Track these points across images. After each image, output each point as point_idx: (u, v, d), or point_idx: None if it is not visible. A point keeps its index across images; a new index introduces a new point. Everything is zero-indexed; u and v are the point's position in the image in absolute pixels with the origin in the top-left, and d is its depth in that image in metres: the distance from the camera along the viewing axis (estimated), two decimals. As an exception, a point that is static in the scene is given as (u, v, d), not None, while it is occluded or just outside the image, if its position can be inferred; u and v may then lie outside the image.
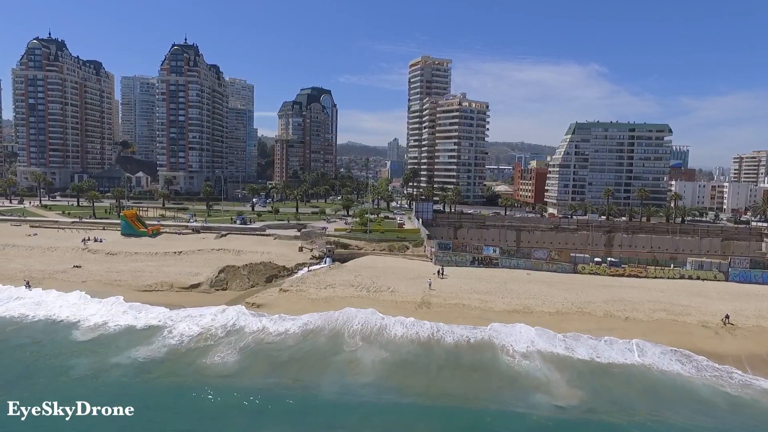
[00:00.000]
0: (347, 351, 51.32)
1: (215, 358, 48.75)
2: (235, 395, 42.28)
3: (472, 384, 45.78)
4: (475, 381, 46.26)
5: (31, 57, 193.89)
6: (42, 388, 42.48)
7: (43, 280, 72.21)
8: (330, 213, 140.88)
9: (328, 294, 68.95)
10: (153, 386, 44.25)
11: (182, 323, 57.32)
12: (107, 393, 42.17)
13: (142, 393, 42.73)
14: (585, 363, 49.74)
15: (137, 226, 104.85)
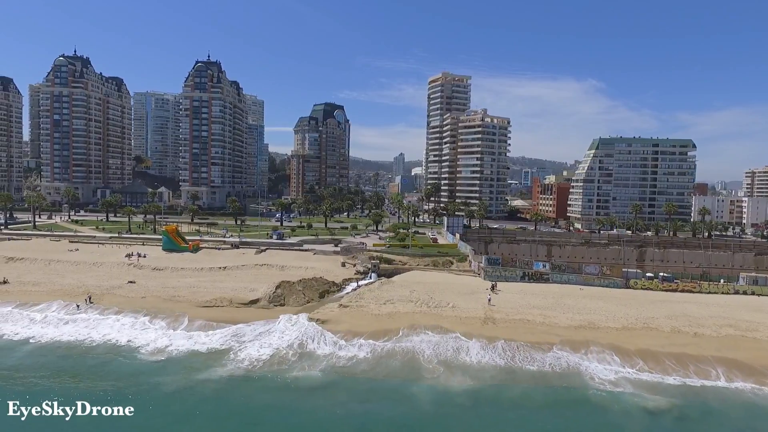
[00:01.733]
0: (428, 378, 49.47)
1: (293, 386, 47.50)
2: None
3: (576, 423, 43.63)
4: (575, 418, 44.05)
5: (58, 74, 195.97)
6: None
7: (103, 296, 72.22)
8: (361, 228, 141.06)
9: (389, 310, 68.90)
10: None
11: (253, 344, 56.36)
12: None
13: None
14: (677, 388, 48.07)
15: (178, 241, 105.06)
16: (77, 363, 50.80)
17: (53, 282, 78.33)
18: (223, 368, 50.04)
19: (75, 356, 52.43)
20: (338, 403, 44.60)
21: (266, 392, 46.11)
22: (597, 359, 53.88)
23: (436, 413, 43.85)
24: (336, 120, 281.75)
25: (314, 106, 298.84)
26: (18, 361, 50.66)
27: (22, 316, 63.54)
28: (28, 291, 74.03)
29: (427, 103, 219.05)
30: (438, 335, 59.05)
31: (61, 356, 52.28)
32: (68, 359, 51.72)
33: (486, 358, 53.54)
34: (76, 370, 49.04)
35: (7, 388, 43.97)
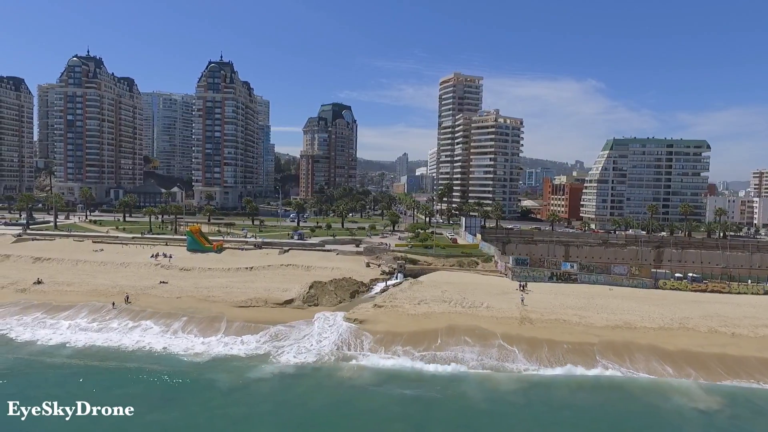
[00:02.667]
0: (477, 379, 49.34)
1: (344, 385, 47.53)
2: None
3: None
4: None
5: (71, 74, 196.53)
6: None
7: (138, 296, 72.57)
8: (379, 228, 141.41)
9: (424, 310, 69.20)
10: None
11: (296, 345, 56.48)
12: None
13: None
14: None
15: (203, 242, 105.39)
16: (117, 366, 50.93)
17: (86, 282, 78.68)
18: (273, 369, 50.22)
19: (115, 359, 52.62)
20: (392, 402, 44.96)
21: (320, 392, 46.43)
22: (646, 369, 52.26)
23: (490, 411, 44.17)
24: (345, 120, 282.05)
25: (322, 106, 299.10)
26: (66, 364, 50.73)
27: (65, 318, 63.86)
28: (64, 291, 74.45)
29: (439, 104, 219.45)
30: (479, 343, 57.96)
31: (107, 359, 52.55)
32: (111, 362, 51.96)
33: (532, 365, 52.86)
34: (117, 373, 49.24)
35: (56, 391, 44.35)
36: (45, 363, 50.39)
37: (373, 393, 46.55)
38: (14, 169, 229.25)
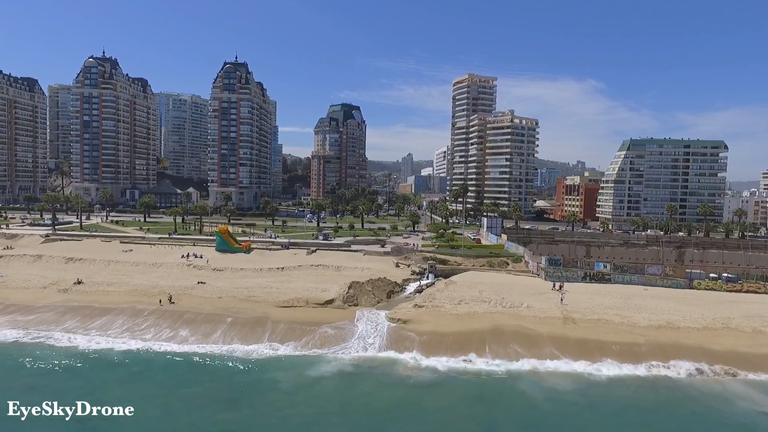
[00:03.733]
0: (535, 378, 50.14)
1: (406, 384, 47.81)
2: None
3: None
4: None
5: (88, 75, 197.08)
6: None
7: (180, 296, 72.87)
8: (401, 229, 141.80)
9: (466, 310, 69.55)
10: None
11: (347, 345, 56.74)
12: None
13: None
14: None
15: (231, 242, 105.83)
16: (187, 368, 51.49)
17: (125, 283, 79.08)
18: (330, 368, 50.55)
19: (179, 361, 53.11)
20: (457, 402, 45.29)
21: (383, 392, 46.72)
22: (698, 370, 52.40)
23: (553, 411, 44.49)
24: (356, 121, 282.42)
25: (331, 106, 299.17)
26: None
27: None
28: (105, 291, 74.83)
29: (452, 104, 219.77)
30: (528, 343, 57.91)
31: (168, 361, 53.01)
32: (176, 363, 52.45)
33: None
34: (188, 375, 49.77)
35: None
36: (109, 363, 50.89)
37: (435, 393, 46.97)
38: (28, 170, 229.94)
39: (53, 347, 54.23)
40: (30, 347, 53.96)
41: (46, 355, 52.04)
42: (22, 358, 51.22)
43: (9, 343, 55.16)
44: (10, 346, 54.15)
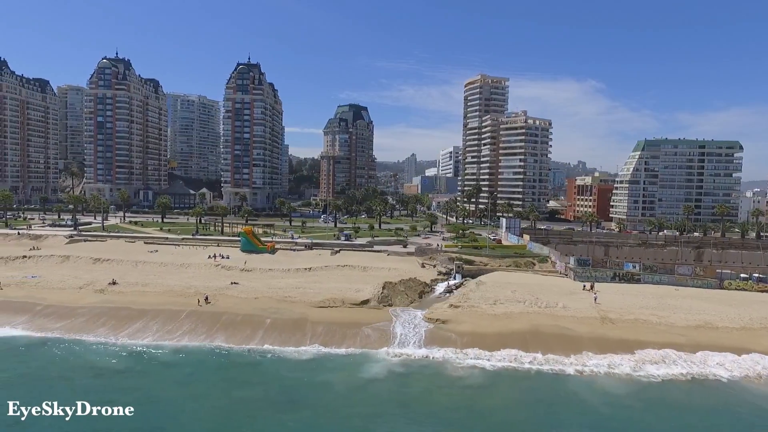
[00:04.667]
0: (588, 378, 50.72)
1: (458, 384, 48.04)
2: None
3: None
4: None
5: (101, 76, 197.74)
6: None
7: (216, 297, 73.02)
8: (420, 229, 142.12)
9: (503, 310, 69.69)
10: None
11: (391, 346, 57.16)
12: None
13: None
14: None
15: (256, 243, 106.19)
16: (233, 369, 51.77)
17: (159, 283, 79.31)
18: (380, 369, 50.74)
19: (233, 362, 53.44)
20: (514, 404, 45.37)
21: (437, 392, 46.75)
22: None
23: (613, 416, 44.22)
24: (365, 121, 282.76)
25: (338, 107, 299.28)
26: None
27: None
28: (141, 292, 75.01)
29: (464, 105, 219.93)
30: (569, 344, 57.63)
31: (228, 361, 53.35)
32: (230, 364, 52.82)
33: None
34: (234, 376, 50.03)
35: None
36: (162, 364, 51.22)
37: (489, 393, 47.03)
38: (40, 171, 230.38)
39: (105, 347, 54.62)
40: (81, 347, 54.33)
41: (98, 356, 52.42)
42: (76, 358, 51.57)
43: (55, 343, 55.48)
44: (58, 347, 54.47)
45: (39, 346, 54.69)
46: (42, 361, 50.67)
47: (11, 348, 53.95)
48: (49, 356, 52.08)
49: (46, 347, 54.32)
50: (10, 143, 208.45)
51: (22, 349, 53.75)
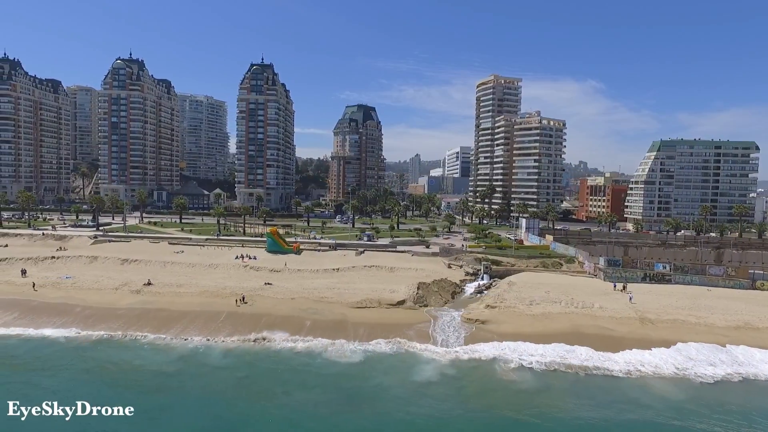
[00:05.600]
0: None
1: (510, 387, 48.19)
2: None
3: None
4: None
5: (116, 76, 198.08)
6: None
7: (253, 297, 73.22)
8: (439, 229, 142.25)
9: (541, 310, 69.76)
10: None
11: (433, 349, 57.57)
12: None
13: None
14: None
15: (282, 243, 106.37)
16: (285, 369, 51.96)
17: (193, 284, 79.48)
18: (431, 370, 50.65)
19: (281, 363, 53.67)
20: (583, 407, 45.02)
21: (495, 394, 47.01)
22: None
23: (675, 418, 44.00)
24: (375, 121, 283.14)
25: (347, 107, 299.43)
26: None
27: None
28: (177, 292, 75.14)
29: (476, 106, 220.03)
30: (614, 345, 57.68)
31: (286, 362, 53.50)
32: (279, 366, 52.99)
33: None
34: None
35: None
36: (213, 367, 51.36)
37: (545, 394, 46.88)
38: (53, 171, 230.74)
39: (153, 348, 54.84)
40: (130, 349, 54.58)
41: (149, 357, 52.64)
42: (128, 359, 51.81)
43: (103, 344, 55.73)
44: (107, 348, 54.72)
45: (88, 347, 54.78)
46: (93, 363, 50.73)
47: (60, 349, 54.09)
48: (101, 357, 52.25)
49: (94, 349, 54.48)
50: (24, 143, 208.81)
51: (71, 350, 53.90)
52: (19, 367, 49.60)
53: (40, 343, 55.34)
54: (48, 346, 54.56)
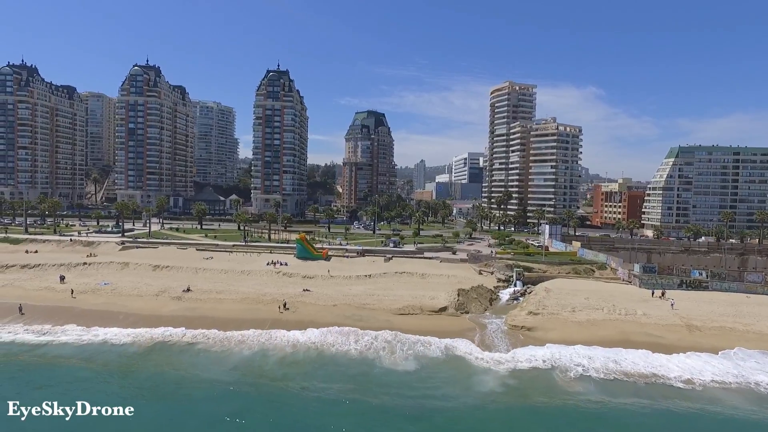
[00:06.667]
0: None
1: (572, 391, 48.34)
2: None
3: None
4: None
5: (133, 83, 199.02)
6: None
7: (294, 304, 73.15)
8: (462, 236, 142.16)
9: (585, 317, 69.58)
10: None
11: (488, 356, 57.34)
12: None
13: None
14: None
15: (311, 249, 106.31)
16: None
17: (232, 290, 79.33)
18: (493, 379, 50.21)
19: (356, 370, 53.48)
20: (654, 415, 44.75)
21: (566, 403, 46.43)
22: None
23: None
24: (386, 128, 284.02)
25: (356, 114, 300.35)
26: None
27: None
28: (218, 299, 75.15)
29: (491, 112, 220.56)
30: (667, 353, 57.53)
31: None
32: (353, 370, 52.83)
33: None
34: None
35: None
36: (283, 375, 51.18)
37: (614, 404, 45.85)
38: (67, 177, 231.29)
39: (207, 355, 54.69)
40: (187, 355, 54.50)
41: (206, 364, 52.47)
42: (189, 365, 51.65)
43: (157, 350, 55.64)
44: (161, 355, 54.62)
45: (144, 354, 54.63)
46: (151, 370, 50.63)
47: (122, 355, 54.06)
48: (162, 364, 52.10)
49: (153, 354, 54.44)
50: (41, 150, 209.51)
51: (132, 356, 53.80)
52: (89, 370, 49.92)
53: (99, 349, 55.35)
54: (107, 352, 54.58)
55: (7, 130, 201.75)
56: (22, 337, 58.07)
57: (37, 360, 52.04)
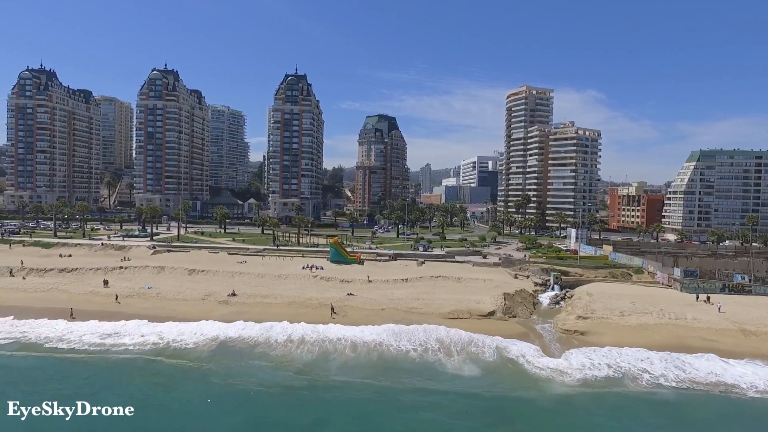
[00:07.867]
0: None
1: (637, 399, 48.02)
2: None
3: None
4: None
5: (152, 87, 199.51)
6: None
7: (342, 308, 73.09)
8: (488, 240, 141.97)
9: (636, 321, 69.21)
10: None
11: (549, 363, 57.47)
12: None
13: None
14: None
15: (345, 253, 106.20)
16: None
17: (276, 294, 79.22)
18: (559, 386, 49.72)
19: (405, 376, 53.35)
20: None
21: (639, 412, 46.20)
22: None
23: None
24: (399, 132, 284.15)
25: (367, 117, 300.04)
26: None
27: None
28: (265, 303, 75.03)
29: (507, 116, 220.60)
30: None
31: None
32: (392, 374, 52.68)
33: None
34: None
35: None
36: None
37: (706, 420, 45.49)
38: (84, 181, 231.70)
39: (268, 360, 54.55)
40: (249, 360, 54.38)
41: (271, 369, 52.36)
42: (254, 369, 51.52)
43: (220, 355, 55.55)
44: (225, 360, 54.53)
45: (212, 357, 54.58)
46: (223, 376, 50.50)
47: (186, 357, 54.01)
48: (231, 369, 51.89)
49: (220, 357, 54.35)
50: (59, 153, 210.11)
51: (202, 360, 53.69)
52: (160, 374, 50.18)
53: (162, 352, 55.31)
54: (171, 354, 54.57)
55: (26, 133, 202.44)
56: (88, 338, 58.21)
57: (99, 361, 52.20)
